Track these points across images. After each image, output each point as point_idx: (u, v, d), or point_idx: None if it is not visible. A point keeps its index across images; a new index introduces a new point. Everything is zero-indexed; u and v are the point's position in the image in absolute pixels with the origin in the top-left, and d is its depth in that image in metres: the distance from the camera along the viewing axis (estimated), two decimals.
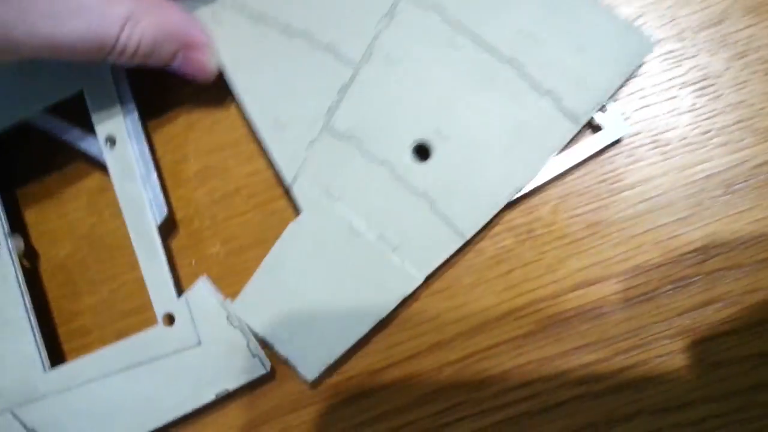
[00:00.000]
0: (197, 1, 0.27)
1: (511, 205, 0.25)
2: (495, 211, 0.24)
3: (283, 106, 0.26)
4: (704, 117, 0.25)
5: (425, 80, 0.25)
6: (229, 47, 0.27)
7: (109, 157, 0.28)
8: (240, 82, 0.27)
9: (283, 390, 0.28)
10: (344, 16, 0.26)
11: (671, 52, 0.25)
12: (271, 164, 0.29)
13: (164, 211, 0.27)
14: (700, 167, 0.25)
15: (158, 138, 0.30)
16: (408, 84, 0.25)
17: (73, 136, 0.29)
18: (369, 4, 0.26)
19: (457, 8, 0.25)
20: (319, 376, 0.26)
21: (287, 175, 0.26)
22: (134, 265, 0.27)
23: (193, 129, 0.30)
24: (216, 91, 0.29)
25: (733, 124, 0.25)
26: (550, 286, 0.26)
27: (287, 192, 0.27)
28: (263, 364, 0.27)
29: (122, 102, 0.28)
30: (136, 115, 0.28)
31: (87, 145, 0.29)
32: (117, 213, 0.28)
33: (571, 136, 0.24)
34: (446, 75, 0.25)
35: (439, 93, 0.25)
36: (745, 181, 0.25)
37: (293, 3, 0.26)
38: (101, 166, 0.29)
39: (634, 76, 0.25)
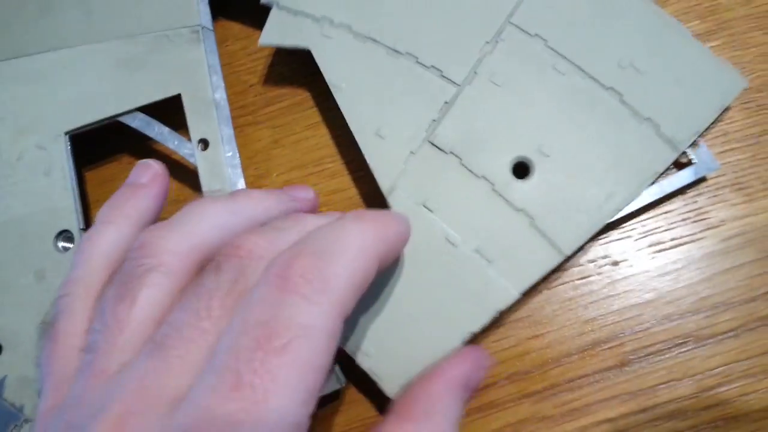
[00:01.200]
0: (306, 18, 0.29)
1: (596, 235, 0.26)
2: (596, 230, 0.25)
3: (385, 119, 0.27)
4: None
5: (527, 101, 0.26)
6: (335, 60, 0.28)
7: (200, 159, 0.28)
8: (343, 94, 0.28)
9: (350, 415, 0.27)
10: (449, 40, 0.27)
11: (753, 101, 0.27)
12: (354, 182, 0.29)
13: None
14: None
15: (242, 151, 0.30)
16: (510, 104, 0.26)
17: (164, 135, 0.29)
18: (473, 30, 0.27)
19: (560, 38, 0.27)
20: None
21: (384, 185, 0.26)
22: None
23: (277, 145, 0.30)
24: (304, 111, 0.31)
25: None
26: (633, 318, 0.26)
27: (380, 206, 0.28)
28: (338, 379, 0.25)
29: (218, 108, 0.29)
30: (230, 122, 0.29)
31: (177, 145, 0.29)
32: None
33: (670, 162, 0.25)
34: (548, 98, 0.26)
35: (540, 114, 0.26)
36: None
37: (398, 28, 0.28)
38: (187, 171, 0.29)
39: (719, 121, 0.27)
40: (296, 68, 0.31)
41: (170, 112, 0.29)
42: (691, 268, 0.26)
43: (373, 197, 0.29)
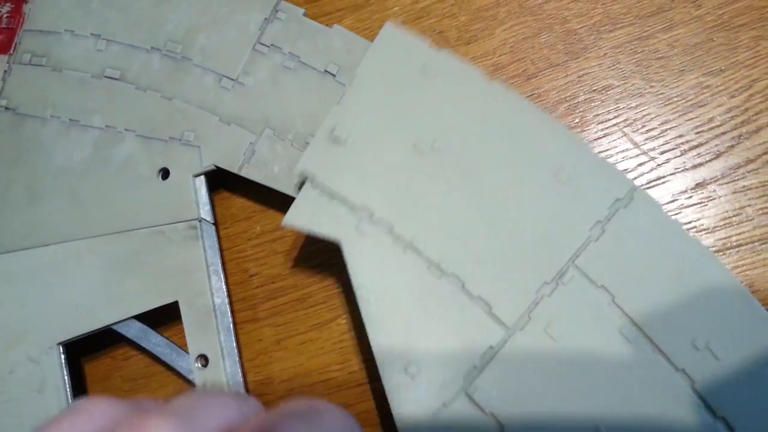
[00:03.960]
0: (342, 204, 0.25)
1: None
2: None
3: (417, 353, 0.23)
4: None
5: (585, 367, 0.22)
6: (366, 264, 0.24)
7: (199, 378, 0.27)
8: (370, 309, 0.24)
9: None
10: (503, 270, 0.23)
11: None
12: (361, 396, 0.28)
13: None
14: None
15: (243, 351, 0.29)
16: (565, 367, 0.22)
17: (161, 347, 0.28)
18: (532, 264, 0.23)
19: (629, 296, 0.23)
20: None
21: None
22: None
23: (280, 347, 0.29)
24: (309, 308, 0.29)
25: None
26: None
27: None
28: None
29: (218, 316, 0.27)
30: (231, 332, 0.27)
31: (175, 359, 0.27)
32: None
33: None
34: (609, 367, 0.22)
35: (599, 386, 0.22)
36: None
37: (446, 242, 0.24)
38: (187, 381, 0.28)
39: None
40: (304, 259, 0.29)
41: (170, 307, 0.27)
42: None
43: (385, 416, 0.27)
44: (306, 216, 0.25)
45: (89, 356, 0.30)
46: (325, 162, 0.25)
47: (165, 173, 0.29)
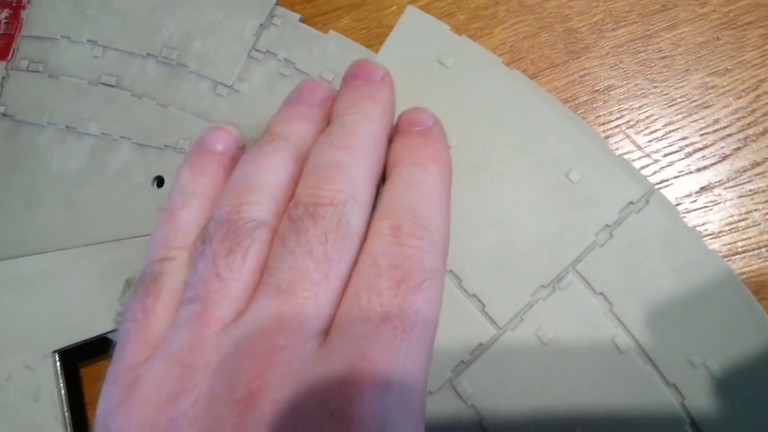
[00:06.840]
0: None
1: None
2: None
3: None
4: None
5: (572, 373, 0.22)
6: None
7: None
8: None
9: None
10: (502, 271, 0.23)
11: None
12: None
13: None
14: None
15: None
16: (551, 371, 0.23)
17: None
18: (530, 267, 0.23)
19: (628, 306, 0.22)
20: None
21: None
22: None
23: None
24: None
25: None
26: None
27: None
28: None
29: None
30: None
31: None
32: None
33: None
34: (598, 376, 0.22)
35: (584, 392, 0.22)
36: None
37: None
38: None
39: None
40: None
41: None
42: None
43: None
44: None
45: (88, 361, 0.30)
46: None
47: (160, 181, 0.29)
